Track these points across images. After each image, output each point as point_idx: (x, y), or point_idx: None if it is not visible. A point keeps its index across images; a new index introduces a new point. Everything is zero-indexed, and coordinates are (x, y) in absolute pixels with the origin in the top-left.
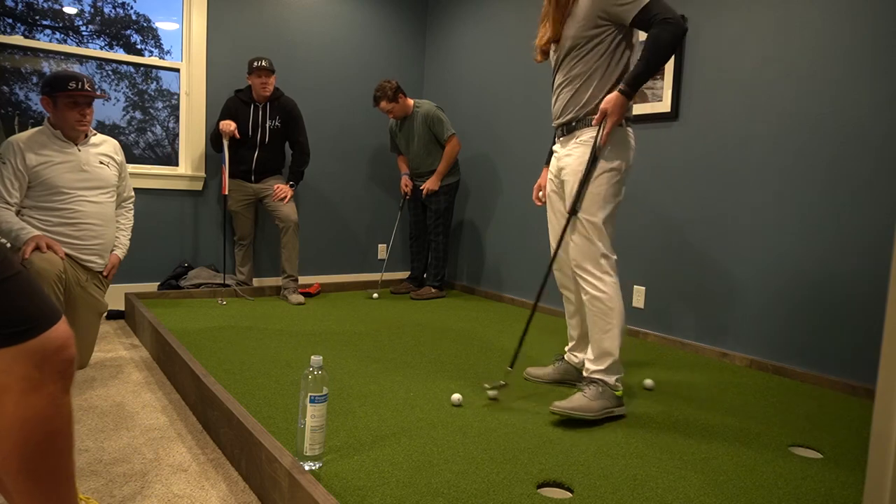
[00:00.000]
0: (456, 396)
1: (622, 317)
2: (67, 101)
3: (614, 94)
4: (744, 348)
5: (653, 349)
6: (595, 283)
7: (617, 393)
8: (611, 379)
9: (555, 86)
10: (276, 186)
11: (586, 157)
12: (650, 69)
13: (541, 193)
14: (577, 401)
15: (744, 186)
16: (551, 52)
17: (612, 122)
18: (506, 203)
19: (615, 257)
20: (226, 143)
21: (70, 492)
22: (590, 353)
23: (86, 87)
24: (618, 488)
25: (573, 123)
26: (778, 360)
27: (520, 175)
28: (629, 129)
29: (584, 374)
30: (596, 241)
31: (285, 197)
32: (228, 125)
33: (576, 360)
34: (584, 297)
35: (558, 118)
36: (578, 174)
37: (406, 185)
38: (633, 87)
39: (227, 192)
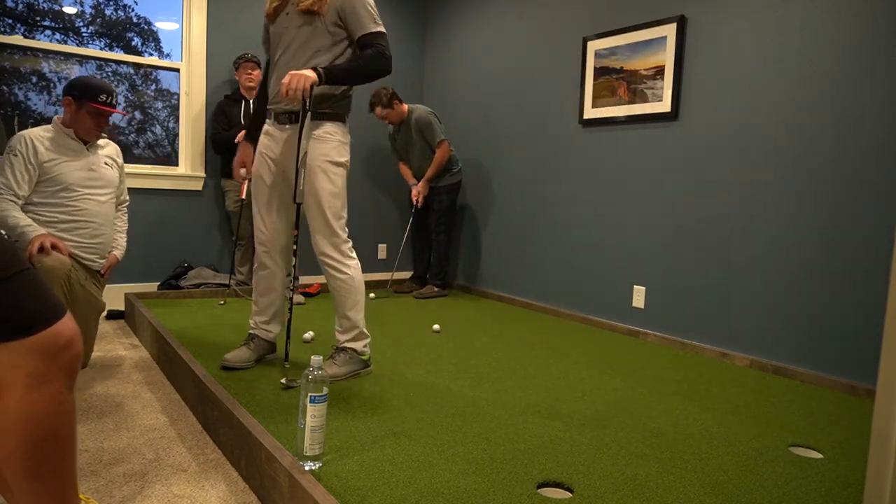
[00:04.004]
0: (308, 334)
1: (363, 291)
2: (92, 111)
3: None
4: (744, 348)
5: (653, 349)
6: (340, 268)
7: (363, 357)
8: (358, 346)
9: (280, 65)
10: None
11: (318, 150)
12: (353, 72)
13: (243, 171)
14: (330, 370)
15: (743, 186)
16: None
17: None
18: (506, 203)
19: (350, 242)
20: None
21: (72, 491)
22: (338, 327)
23: (113, 101)
24: (618, 488)
25: (294, 115)
26: (778, 360)
27: (519, 175)
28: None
29: (337, 344)
30: (339, 231)
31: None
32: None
33: (271, 336)
34: (331, 281)
35: (283, 104)
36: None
37: (416, 196)
38: (329, 74)
39: (244, 196)
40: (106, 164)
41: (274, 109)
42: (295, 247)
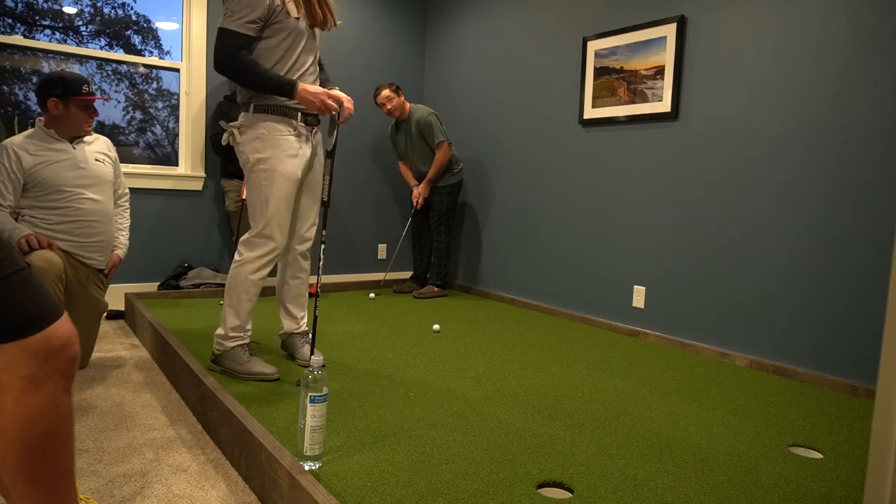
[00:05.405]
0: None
1: None
2: (80, 104)
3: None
4: (744, 348)
5: (653, 349)
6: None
7: None
8: None
9: (308, 72)
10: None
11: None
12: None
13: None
14: (307, 352)
15: (744, 186)
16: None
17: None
18: (506, 203)
19: None
20: None
21: (70, 492)
22: (300, 311)
23: (93, 89)
24: (618, 488)
25: (318, 117)
26: (778, 360)
27: (519, 175)
28: None
29: (298, 330)
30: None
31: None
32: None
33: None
34: (306, 267)
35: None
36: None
37: (416, 197)
38: None
39: (244, 197)
40: (97, 160)
41: (303, 111)
42: (323, 245)
